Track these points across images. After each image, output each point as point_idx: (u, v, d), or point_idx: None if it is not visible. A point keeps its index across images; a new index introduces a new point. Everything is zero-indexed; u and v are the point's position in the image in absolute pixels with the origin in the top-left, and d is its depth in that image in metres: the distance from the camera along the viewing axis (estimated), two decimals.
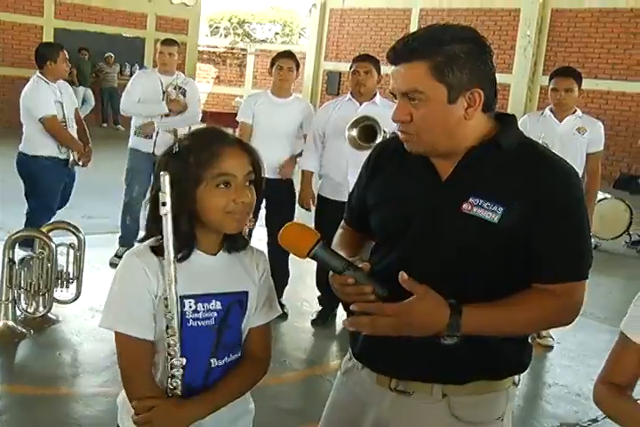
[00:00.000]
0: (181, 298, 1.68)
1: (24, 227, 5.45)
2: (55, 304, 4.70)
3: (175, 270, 1.63)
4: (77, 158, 5.78)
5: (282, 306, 3.60)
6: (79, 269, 4.76)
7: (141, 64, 17.46)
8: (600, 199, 7.45)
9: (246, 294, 1.82)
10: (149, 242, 1.75)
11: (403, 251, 1.81)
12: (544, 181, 1.70)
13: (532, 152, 1.78)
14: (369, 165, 1.98)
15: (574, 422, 3.96)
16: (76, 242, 4.75)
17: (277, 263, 4.12)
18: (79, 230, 4.81)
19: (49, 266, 4.55)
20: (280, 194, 4.88)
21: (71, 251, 4.75)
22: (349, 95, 4.97)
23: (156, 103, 5.99)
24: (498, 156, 1.74)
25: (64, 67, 5.76)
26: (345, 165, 4.71)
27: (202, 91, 8.48)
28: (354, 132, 4.66)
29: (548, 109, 5.11)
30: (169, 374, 1.69)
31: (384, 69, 4.04)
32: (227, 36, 30.40)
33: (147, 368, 1.74)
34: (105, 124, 17.12)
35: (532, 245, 1.71)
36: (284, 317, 4.97)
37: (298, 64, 5.25)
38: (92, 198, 6.08)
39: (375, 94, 4.90)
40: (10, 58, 16.02)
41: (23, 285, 4.54)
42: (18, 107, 5.77)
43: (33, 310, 4.62)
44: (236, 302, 1.80)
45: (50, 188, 5.75)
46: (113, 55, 17.17)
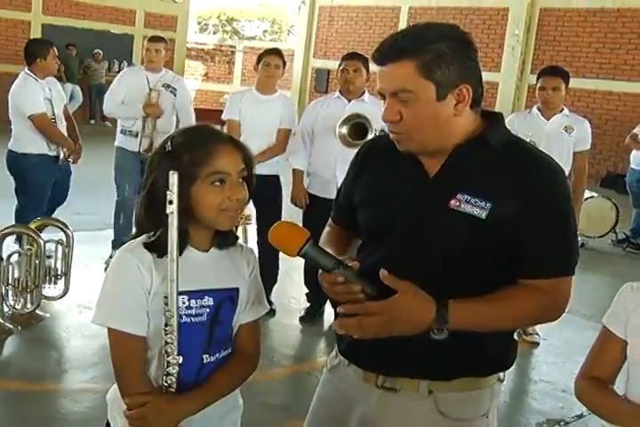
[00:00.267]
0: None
1: (14, 223, 5.43)
2: (43, 301, 4.69)
3: (177, 269, 1.63)
4: (67, 155, 5.73)
5: (270, 303, 3.61)
6: (67, 266, 4.75)
7: (130, 61, 17.38)
8: (587, 198, 7.49)
9: (237, 290, 1.83)
10: (142, 239, 1.75)
11: (389, 249, 1.81)
12: (530, 178, 1.71)
13: (519, 149, 1.79)
14: (357, 162, 1.99)
15: (559, 418, 3.98)
16: (64, 238, 4.75)
17: (267, 261, 4.12)
18: (68, 227, 4.80)
19: (37, 262, 4.54)
20: (267, 191, 4.86)
21: (59, 247, 4.75)
22: (338, 93, 4.97)
23: (140, 103, 5.83)
24: (485, 153, 1.75)
25: (54, 64, 5.72)
26: (334, 163, 4.71)
27: (190, 88, 8.41)
28: (344, 130, 4.67)
29: (535, 108, 5.14)
30: (164, 371, 1.70)
31: (372, 67, 4.05)
32: (215, 33, 30.31)
33: (139, 364, 1.75)
34: (93, 121, 17.03)
35: (519, 242, 1.72)
36: (272, 314, 4.96)
37: (284, 62, 5.24)
38: (80, 195, 6.05)
39: (364, 92, 4.91)
40: None
41: (11, 281, 4.53)
42: (5, 103, 5.72)
43: (21, 307, 4.61)
44: (228, 298, 1.81)
45: (39, 185, 5.70)
46: (101, 52, 17.07)
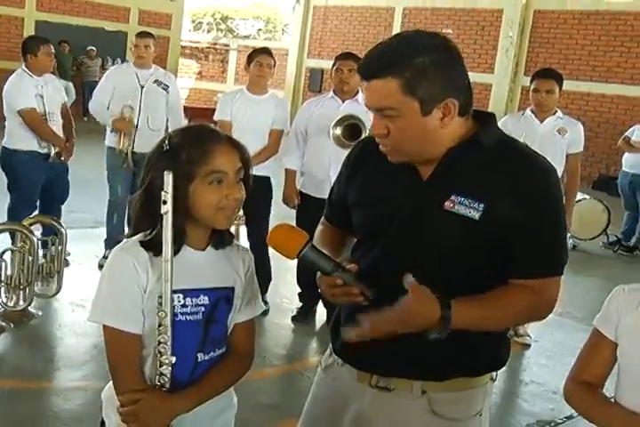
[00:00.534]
0: (171, 293, 1.68)
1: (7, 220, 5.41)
2: (36, 298, 4.68)
3: (172, 269, 1.64)
4: (58, 153, 5.67)
5: (265, 302, 3.61)
6: (60, 264, 4.74)
7: (123, 58, 17.32)
8: (579, 200, 7.51)
9: (233, 289, 1.84)
10: (138, 237, 1.76)
11: (384, 249, 1.82)
12: (524, 179, 1.72)
13: (512, 149, 1.80)
14: (349, 163, 1.99)
15: (550, 420, 4.01)
16: (57, 236, 4.75)
17: (258, 261, 4.11)
18: (61, 224, 4.80)
19: (30, 260, 4.53)
20: (258, 192, 4.85)
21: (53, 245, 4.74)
22: (332, 93, 4.97)
23: (130, 101, 5.70)
24: (478, 153, 1.76)
25: (46, 61, 5.61)
26: (327, 162, 4.71)
27: (184, 86, 8.42)
28: (338, 131, 4.67)
29: (528, 110, 5.16)
30: (157, 371, 1.70)
31: None
32: (209, 31, 30.28)
33: (135, 362, 1.75)
34: (86, 118, 16.97)
35: (511, 241, 1.73)
36: (264, 313, 4.93)
37: (275, 62, 5.22)
38: (73, 192, 6.02)
39: (358, 92, 4.90)
40: None
41: (3, 278, 4.52)
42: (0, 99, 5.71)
43: (13, 304, 4.60)
44: (223, 297, 1.81)
45: (29, 182, 5.65)
46: (95, 49, 17.04)
